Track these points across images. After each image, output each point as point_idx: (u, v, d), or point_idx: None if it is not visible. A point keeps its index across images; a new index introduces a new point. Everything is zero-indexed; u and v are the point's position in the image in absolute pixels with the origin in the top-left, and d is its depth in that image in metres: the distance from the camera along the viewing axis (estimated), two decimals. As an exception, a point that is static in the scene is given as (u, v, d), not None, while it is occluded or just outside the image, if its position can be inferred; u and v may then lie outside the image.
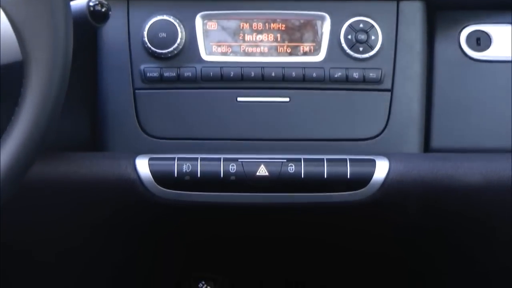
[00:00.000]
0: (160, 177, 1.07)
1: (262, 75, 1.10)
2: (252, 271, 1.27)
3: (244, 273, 1.28)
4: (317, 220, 1.16)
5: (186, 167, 1.07)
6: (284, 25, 1.11)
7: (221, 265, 1.27)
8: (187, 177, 1.07)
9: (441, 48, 1.14)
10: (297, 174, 1.07)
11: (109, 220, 1.15)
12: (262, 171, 1.07)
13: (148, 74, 1.10)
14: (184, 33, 1.10)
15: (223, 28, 1.11)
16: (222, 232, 1.18)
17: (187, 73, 1.10)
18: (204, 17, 1.11)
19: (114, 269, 1.26)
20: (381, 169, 1.08)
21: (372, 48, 1.11)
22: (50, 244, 1.19)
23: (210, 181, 1.07)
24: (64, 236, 1.17)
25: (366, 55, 1.11)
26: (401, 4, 1.12)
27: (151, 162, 1.08)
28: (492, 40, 1.14)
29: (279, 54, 1.12)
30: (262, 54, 1.12)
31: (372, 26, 1.10)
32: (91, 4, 0.96)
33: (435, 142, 1.14)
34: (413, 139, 1.13)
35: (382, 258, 1.26)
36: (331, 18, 1.11)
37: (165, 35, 1.09)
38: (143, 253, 1.23)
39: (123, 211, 1.13)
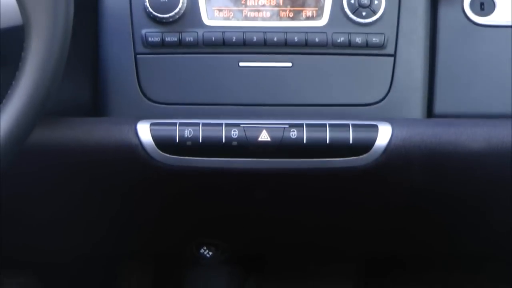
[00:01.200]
0: (162, 142, 1.07)
1: (264, 40, 1.09)
2: (253, 237, 1.27)
3: (245, 238, 1.28)
4: (319, 186, 1.15)
5: (188, 132, 1.06)
6: (286, -10, 1.11)
7: (222, 231, 1.27)
8: (188, 143, 1.07)
9: (445, 12, 1.13)
10: (299, 140, 1.07)
11: (110, 186, 1.15)
12: (264, 136, 1.07)
13: (149, 39, 1.10)
14: None
15: (225, -8, 1.11)
16: (223, 198, 1.18)
17: (189, 37, 1.09)
18: (205, -19, 1.10)
19: (114, 235, 1.26)
20: (384, 135, 1.08)
21: (375, 12, 1.10)
22: (49, 208, 1.19)
23: (212, 147, 1.07)
24: (63, 202, 1.17)
25: (369, 20, 1.10)
26: (405, -33, 1.11)
27: (153, 127, 1.07)
28: (495, 5, 1.13)
29: (281, 19, 1.11)
30: (264, 19, 1.11)
31: None
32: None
33: (438, 107, 1.13)
34: (416, 105, 1.12)
35: (384, 224, 1.26)
36: (334, -18, 1.10)
37: (166, 0, 1.08)
38: (144, 220, 1.23)
39: (124, 176, 1.13)
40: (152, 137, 1.07)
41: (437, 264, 1.72)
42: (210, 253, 1.30)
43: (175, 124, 1.07)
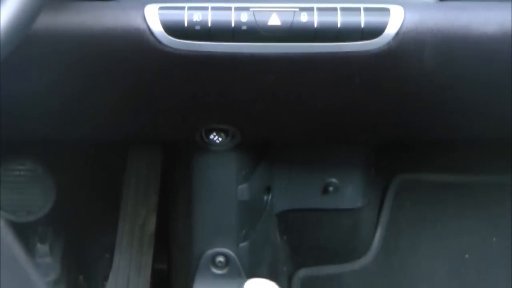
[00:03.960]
0: (170, 26, 1.05)
1: None
2: (263, 122, 1.27)
3: (255, 123, 1.28)
4: (329, 72, 1.14)
5: (197, 16, 1.05)
6: None
7: (231, 116, 1.26)
8: (197, 27, 1.05)
9: None
10: (309, 24, 1.05)
11: (117, 72, 1.14)
12: (274, 20, 1.05)
13: None
14: None
15: None
16: (232, 85, 1.17)
17: None
18: None
19: (121, 121, 1.26)
20: (396, 18, 1.06)
21: None
22: (56, 95, 1.18)
23: (221, 31, 1.05)
24: (69, 88, 1.16)
25: None
26: None
27: (161, 11, 1.05)
28: None
29: None
30: None
31: None
32: None
33: (452, -10, 1.11)
34: (429, -13, 1.10)
35: (392, 109, 1.25)
36: None
37: None
38: (153, 106, 1.23)
39: (132, 63, 1.12)
40: (160, 22, 1.05)
41: (445, 149, 1.73)
42: (220, 139, 1.30)
43: (183, 8, 1.05)
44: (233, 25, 1.05)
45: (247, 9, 1.05)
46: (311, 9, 1.05)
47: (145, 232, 1.68)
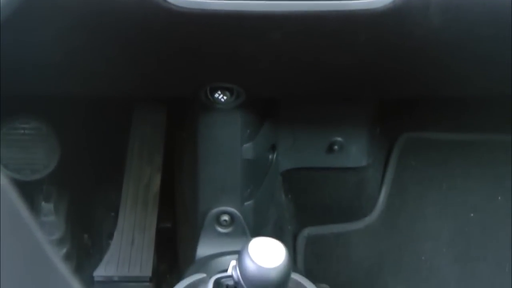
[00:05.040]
0: None
1: None
2: (268, 79, 1.26)
3: (259, 80, 1.27)
4: (335, 30, 1.13)
5: None
6: None
7: (237, 75, 1.26)
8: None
9: None
10: None
11: (120, 29, 1.13)
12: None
13: None
14: None
15: None
16: (237, 43, 1.17)
17: None
18: None
19: (125, 77, 1.26)
20: (403, -26, 1.05)
21: None
22: (58, 49, 1.17)
23: (226, -12, 1.04)
24: (72, 43, 1.16)
25: None
26: None
27: None
28: None
29: None
30: None
31: None
32: None
33: None
34: None
35: (398, 65, 1.25)
36: None
37: None
38: (156, 62, 1.22)
39: (135, 19, 1.11)
40: None
41: (451, 108, 1.73)
42: (225, 97, 1.29)
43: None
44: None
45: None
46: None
47: (149, 191, 1.68)
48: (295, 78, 1.26)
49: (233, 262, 1.02)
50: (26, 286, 0.46)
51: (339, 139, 1.69)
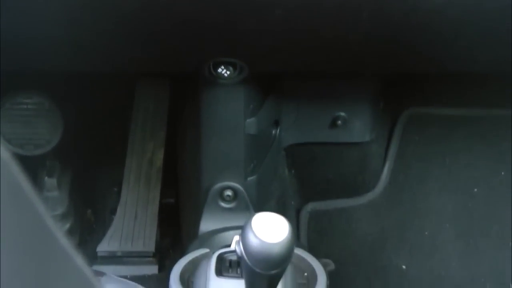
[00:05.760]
0: None
1: None
2: (271, 53, 1.26)
3: (263, 54, 1.27)
4: (337, 8, 1.13)
5: None
6: None
7: (240, 50, 1.25)
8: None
9: None
10: None
11: (125, 4, 1.13)
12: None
13: None
14: None
15: None
16: (239, 18, 1.16)
17: None
18: None
19: (129, 50, 1.25)
20: None
21: None
22: (58, 22, 1.17)
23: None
24: (73, 16, 1.15)
25: None
26: None
27: None
28: None
29: None
30: None
31: None
32: None
33: None
34: None
35: (398, 41, 1.24)
36: None
37: None
38: (159, 35, 1.21)
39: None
40: None
41: (454, 83, 1.72)
42: (228, 72, 1.29)
43: None
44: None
45: None
46: None
47: (153, 167, 1.68)
48: (298, 53, 1.25)
49: (236, 237, 1.02)
50: (28, 261, 0.46)
51: (342, 114, 1.68)
